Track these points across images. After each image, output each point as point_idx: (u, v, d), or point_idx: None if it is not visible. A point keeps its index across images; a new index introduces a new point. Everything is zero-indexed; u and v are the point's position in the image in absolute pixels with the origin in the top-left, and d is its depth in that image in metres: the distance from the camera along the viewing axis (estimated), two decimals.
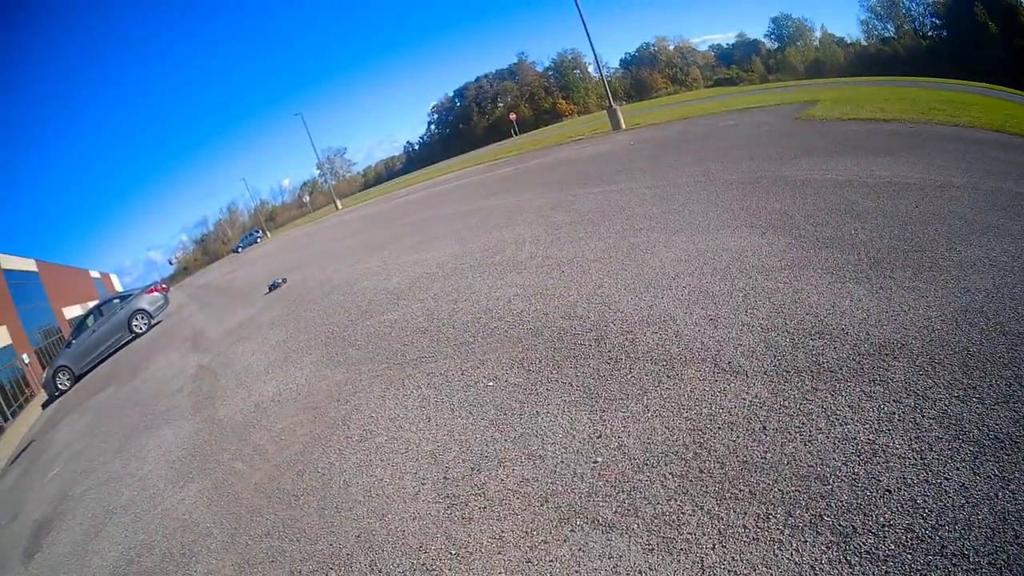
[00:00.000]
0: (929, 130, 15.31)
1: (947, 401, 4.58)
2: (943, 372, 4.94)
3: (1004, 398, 4.44)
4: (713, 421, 5.20)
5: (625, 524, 4.43)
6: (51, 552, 8.87)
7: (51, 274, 64.95)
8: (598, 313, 8.25)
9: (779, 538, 3.86)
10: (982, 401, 4.48)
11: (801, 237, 8.64)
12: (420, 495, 5.80)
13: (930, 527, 3.59)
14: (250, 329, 17.17)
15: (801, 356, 5.72)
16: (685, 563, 3.94)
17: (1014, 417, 4.23)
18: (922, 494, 3.82)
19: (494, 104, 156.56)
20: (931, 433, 4.30)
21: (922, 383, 4.87)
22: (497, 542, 4.78)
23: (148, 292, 31.06)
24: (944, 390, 4.72)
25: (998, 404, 4.39)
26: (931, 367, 5.04)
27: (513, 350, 8.09)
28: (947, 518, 3.61)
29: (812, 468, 4.32)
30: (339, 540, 5.71)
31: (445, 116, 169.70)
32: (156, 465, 9.98)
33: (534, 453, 5.69)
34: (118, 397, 17.56)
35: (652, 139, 26.57)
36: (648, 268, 9.27)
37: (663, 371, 6.27)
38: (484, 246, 14.66)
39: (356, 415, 8.13)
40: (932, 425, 4.37)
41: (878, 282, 6.75)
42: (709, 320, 7.01)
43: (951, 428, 4.29)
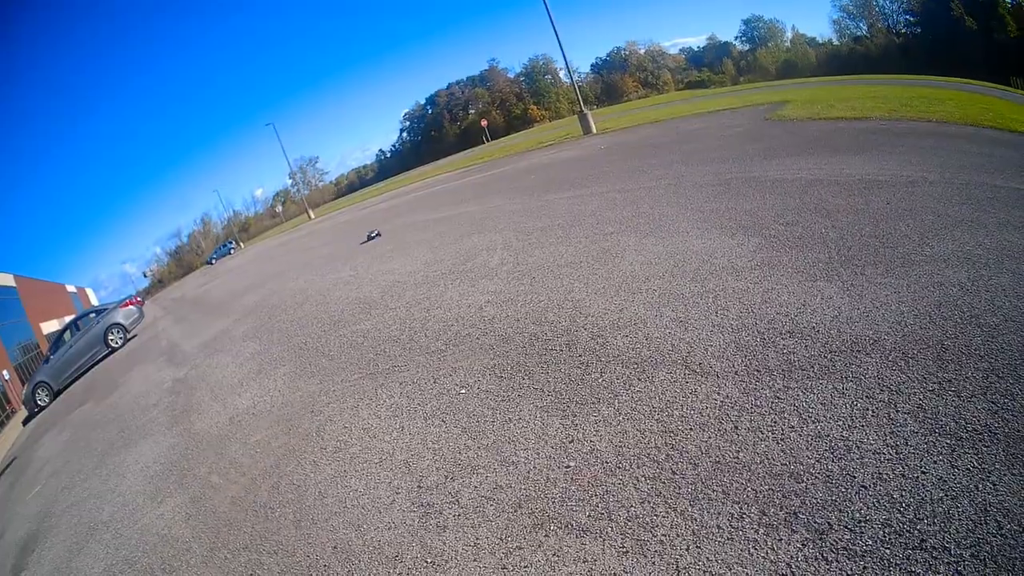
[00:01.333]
0: (902, 127, 15.38)
1: (922, 395, 4.59)
2: (917, 367, 4.96)
3: (981, 390, 4.46)
4: (685, 422, 5.21)
5: (599, 528, 4.42)
6: (36, 570, 8.80)
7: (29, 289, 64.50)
8: (569, 318, 8.27)
9: (754, 537, 3.86)
10: (958, 394, 4.49)
11: (771, 237, 8.68)
12: (395, 504, 5.78)
13: (908, 521, 3.60)
14: (224, 341, 17.14)
15: (772, 355, 5.73)
16: (660, 565, 3.93)
17: (991, 409, 4.24)
18: (899, 489, 3.83)
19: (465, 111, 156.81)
20: (906, 428, 4.31)
21: (895, 378, 4.89)
22: (472, 549, 4.77)
23: (123, 306, 30.94)
24: (918, 384, 4.73)
25: (975, 396, 4.41)
26: (904, 362, 5.06)
27: (485, 357, 8.10)
28: (926, 512, 3.62)
29: (785, 466, 4.33)
30: (316, 552, 5.69)
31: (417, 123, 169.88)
32: (135, 480, 9.92)
33: (507, 459, 5.69)
34: (96, 412, 17.45)
35: (623, 143, 26.73)
36: (618, 272, 9.29)
37: (634, 374, 6.28)
38: (455, 253, 14.70)
39: (330, 426, 8.12)
40: (907, 420, 4.38)
41: (849, 279, 6.77)
42: (679, 322, 7.03)
43: (926, 422, 4.30)
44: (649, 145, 23.32)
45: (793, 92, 33.43)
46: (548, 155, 32.52)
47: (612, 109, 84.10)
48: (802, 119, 19.16)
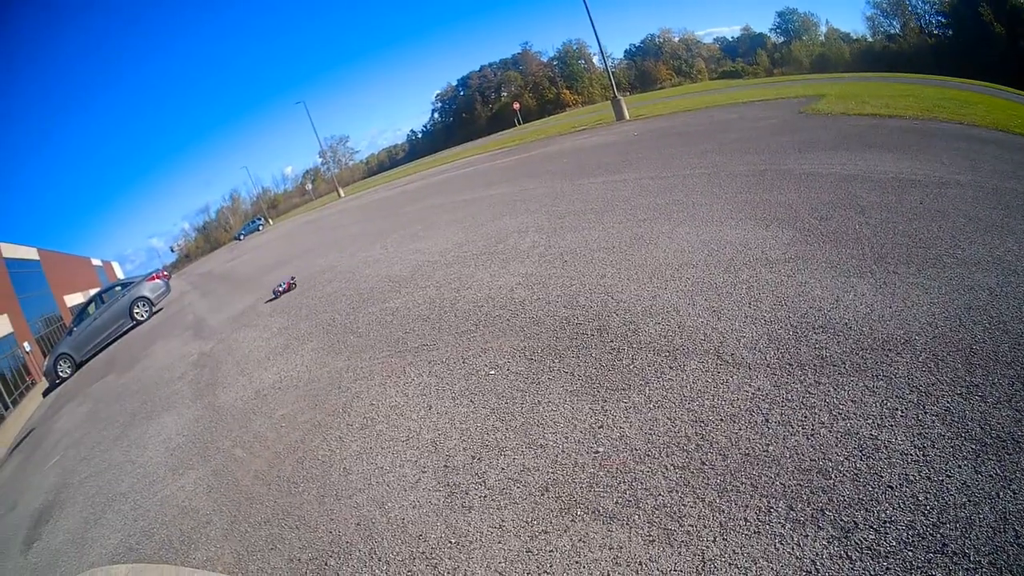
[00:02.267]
0: (933, 127, 15.24)
1: (950, 398, 4.56)
2: (946, 369, 4.92)
3: (1006, 397, 4.42)
4: (715, 413, 5.19)
5: (626, 515, 4.42)
6: (50, 540, 8.86)
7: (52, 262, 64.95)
8: (600, 303, 8.23)
9: (780, 532, 3.85)
10: (984, 399, 4.45)
11: (805, 231, 8.61)
12: (420, 483, 5.80)
13: (931, 524, 3.58)
14: (251, 316, 17.19)
15: (804, 349, 5.70)
16: (686, 555, 3.93)
17: (1016, 417, 4.20)
18: (924, 491, 3.81)
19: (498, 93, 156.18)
20: (933, 430, 4.28)
21: (925, 379, 4.85)
22: (497, 531, 4.78)
23: (150, 279, 31.15)
24: (947, 387, 4.69)
25: (1000, 403, 4.37)
26: (934, 363, 5.02)
27: (515, 338, 8.09)
28: (948, 516, 3.60)
29: (814, 462, 4.31)
30: (338, 528, 5.71)
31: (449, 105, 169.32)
32: (156, 452, 9.98)
33: (535, 442, 5.69)
34: (119, 384, 17.59)
35: (656, 130, 26.50)
36: (651, 259, 9.24)
37: (665, 362, 6.25)
38: (487, 235, 14.66)
39: (357, 403, 8.13)
40: (935, 422, 4.35)
41: (882, 277, 6.72)
42: (712, 312, 6.99)
43: (953, 425, 4.27)
44: (683, 133, 23.17)
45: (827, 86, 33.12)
46: (581, 140, 32.42)
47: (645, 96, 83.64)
48: (836, 114, 18.97)
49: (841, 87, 31.69)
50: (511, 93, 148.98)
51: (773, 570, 3.64)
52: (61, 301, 61.47)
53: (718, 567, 3.77)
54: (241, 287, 25.33)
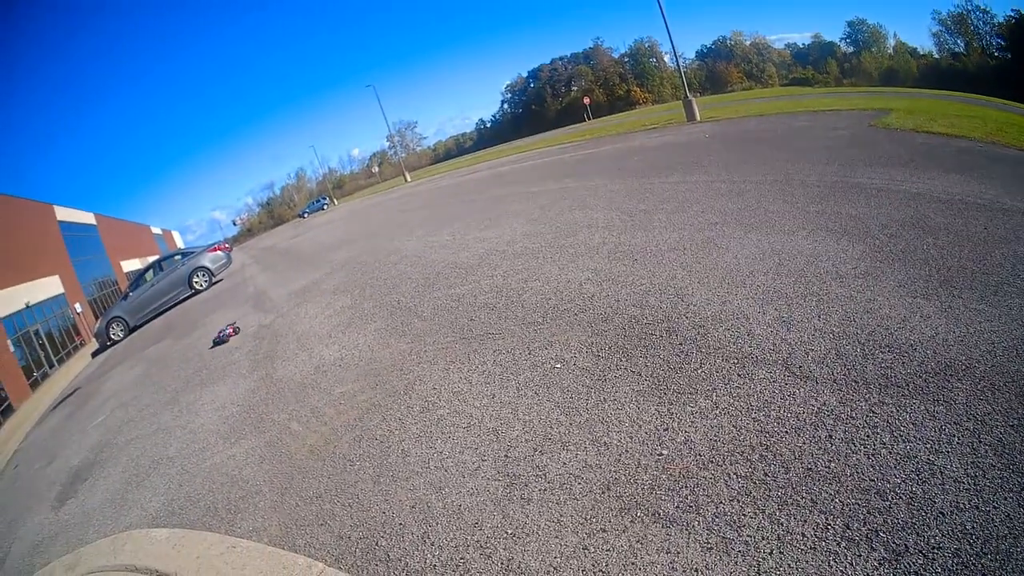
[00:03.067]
0: (998, 152, 14.97)
1: (1003, 429, 4.55)
2: (1002, 399, 4.90)
3: None
4: (781, 425, 5.22)
5: (686, 520, 4.47)
6: (86, 499, 9.05)
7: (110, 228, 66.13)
8: (670, 304, 8.25)
9: (835, 550, 3.89)
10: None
11: (875, 247, 8.55)
12: (480, 471, 5.87)
13: (975, 554, 3.61)
14: (314, 293, 17.33)
15: (871, 367, 5.70)
16: (742, 565, 3.98)
17: None
18: (971, 520, 3.83)
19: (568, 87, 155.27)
20: (986, 460, 4.29)
21: (982, 408, 4.84)
22: (555, 526, 4.84)
23: (211, 250, 31.48)
24: (1002, 417, 4.69)
25: None
26: (991, 393, 5.01)
27: (582, 334, 8.10)
28: (991, 547, 3.62)
29: (873, 482, 4.33)
30: (392, 509, 5.80)
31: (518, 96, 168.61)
32: (209, 419, 10.17)
33: (599, 439, 5.73)
34: (174, 350, 17.87)
35: (727, 133, 26.28)
36: (722, 263, 9.22)
37: (734, 369, 6.27)
38: (556, 228, 14.66)
39: (419, 386, 8.21)
40: (988, 452, 4.36)
41: (947, 300, 6.68)
42: (782, 322, 7.00)
43: (1004, 456, 4.28)
44: (754, 138, 23.02)
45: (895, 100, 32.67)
46: (651, 138, 32.16)
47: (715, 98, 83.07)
48: (905, 129, 18.69)
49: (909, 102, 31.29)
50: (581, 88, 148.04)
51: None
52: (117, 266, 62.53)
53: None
54: (304, 264, 25.55)
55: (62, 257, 47.33)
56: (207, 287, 29.90)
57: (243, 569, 5.87)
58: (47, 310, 39.34)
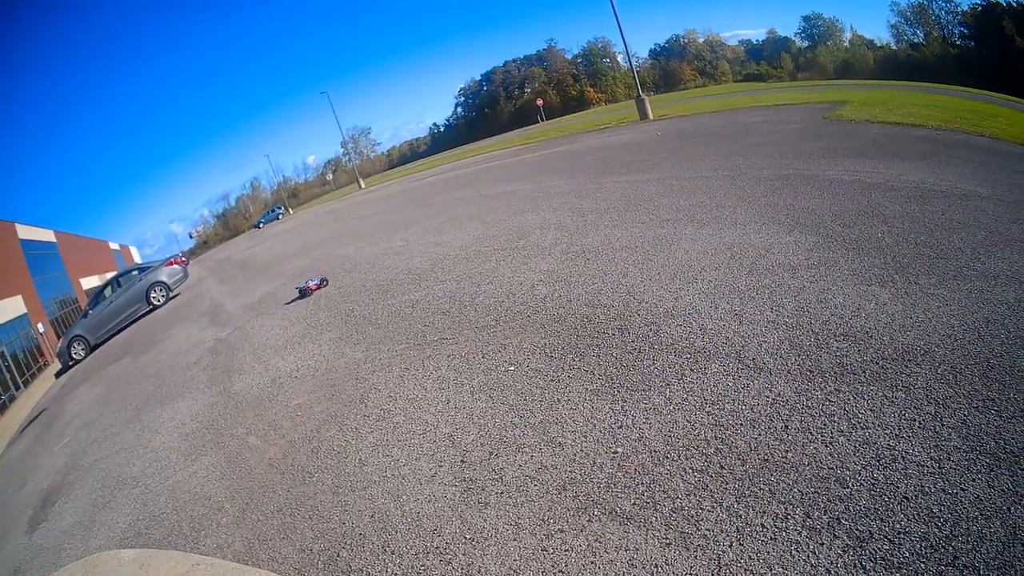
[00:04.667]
0: (956, 138, 15.23)
1: (966, 411, 4.56)
2: (964, 382, 4.92)
3: (1021, 412, 4.42)
4: (735, 417, 5.19)
5: (643, 517, 4.43)
6: (57, 522, 8.91)
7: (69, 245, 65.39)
8: (622, 302, 8.25)
9: (797, 539, 3.86)
10: (1000, 414, 4.45)
11: (828, 237, 8.61)
12: (436, 477, 5.80)
13: (944, 537, 3.59)
14: (270, 304, 17.17)
15: (825, 357, 5.70)
16: (702, 559, 3.94)
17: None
18: (938, 503, 3.82)
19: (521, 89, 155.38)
20: (950, 443, 4.29)
21: (943, 391, 4.85)
22: (513, 528, 4.78)
23: (167, 264, 31.19)
24: (964, 400, 4.70)
25: (1015, 418, 4.38)
26: (952, 376, 5.02)
27: (535, 335, 8.09)
28: (961, 529, 3.61)
29: (832, 470, 4.31)
30: (352, 519, 5.72)
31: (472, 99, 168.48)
32: (169, 437, 10.02)
33: (554, 440, 5.69)
34: (133, 368, 17.64)
35: (680, 131, 26.53)
36: (674, 260, 9.26)
37: (686, 364, 6.26)
38: (508, 230, 14.69)
39: (374, 394, 8.14)
40: (951, 435, 4.36)
41: (903, 287, 6.71)
42: (734, 315, 7.00)
43: (969, 439, 4.28)
44: (706, 134, 23.23)
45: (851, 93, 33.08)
46: (604, 138, 32.41)
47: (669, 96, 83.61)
48: (860, 120, 18.97)
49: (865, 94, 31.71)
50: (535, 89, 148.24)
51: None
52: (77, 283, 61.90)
53: (733, 572, 3.78)
54: (259, 275, 25.30)
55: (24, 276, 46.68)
56: (165, 302, 29.51)
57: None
58: (11, 331, 38.74)
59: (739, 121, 25.17)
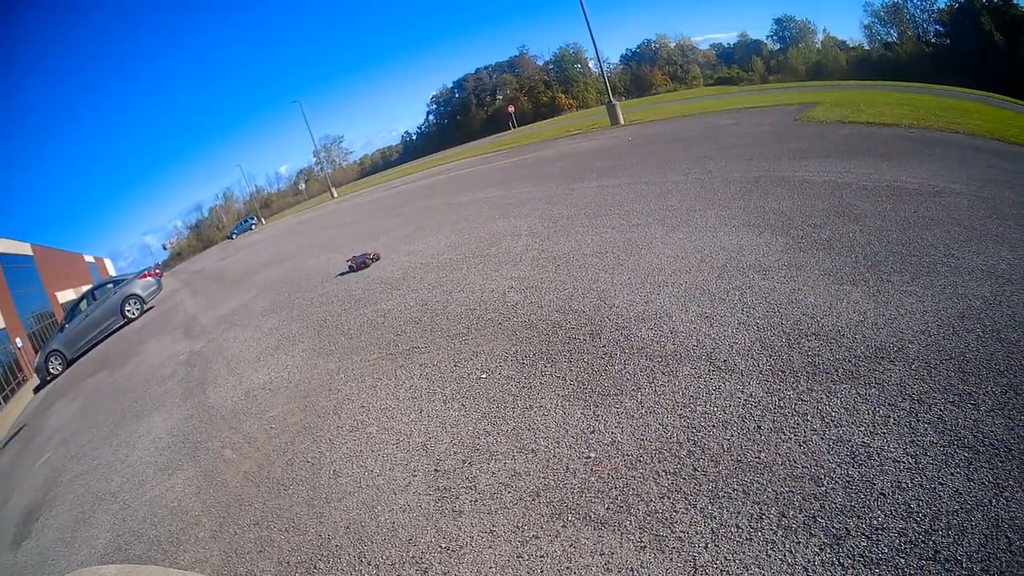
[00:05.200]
0: (929, 136, 15.30)
1: (942, 406, 4.56)
2: (939, 377, 4.93)
3: (999, 405, 4.43)
4: (707, 419, 5.18)
5: (617, 521, 4.41)
6: (40, 540, 8.81)
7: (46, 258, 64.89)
8: (593, 307, 8.24)
9: (772, 539, 3.84)
10: (977, 408, 4.46)
11: (799, 238, 8.63)
12: (410, 487, 5.76)
13: (924, 532, 3.58)
14: (243, 316, 17.09)
15: (797, 356, 5.71)
16: (677, 562, 3.91)
17: (1009, 425, 4.21)
18: (916, 499, 3.81)
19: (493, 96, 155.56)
20: (926, 438, 4.28)
21: (918, 387, 4.86)
22: (488, 536, 4.75)
23: (141, 277, 30.95)
24: (940, 395, 4.70)
25: (993, 411, 4.38)
26: (927, 371, 5.03)
27: (507, 342, 8.07)
28: (941, 524, 3.60)
29: (806, 469, 4.30)
30: (328, 531, 5.67)
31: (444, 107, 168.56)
32: (145, 452, 9.93)
33: (526, 447, 5.67)
34: (109, 382, 17.51)
35: (651, 135, 26.59)
36: (645, 264, 9.27)
37: (657, 367, 6.25)
38: (480, 237, 14.66)
39: (347, 404, 8.10)
40: (927, 430, 4.36)
41: (875, 285, 6.73)
42: (705, 318, 7.00)
43: (946, 433, 4.28)
44: (677, 139, 23.22)
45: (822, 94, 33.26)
46: (575, 144, 32.43)
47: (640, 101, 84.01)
48: (831, 121, 19.06)
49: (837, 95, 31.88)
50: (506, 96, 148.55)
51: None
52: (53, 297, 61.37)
53: (709, 573, 3.76)
54: (232, 286, 25.20)
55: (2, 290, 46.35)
56: (139, 315, 29.31)
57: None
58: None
59: (710, 125, 25.30)
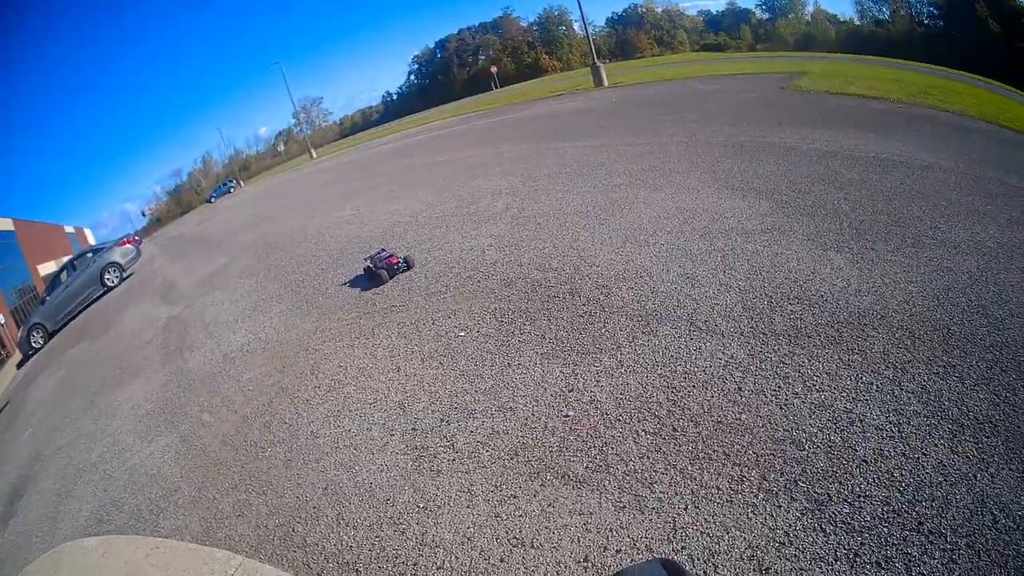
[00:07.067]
0: (918, 112, 15.23)
1: (926, 376, 4.55)
2: (923, 347, 4.92)
3: (984, 380, 4.42)
4: (688, 379, 5.16)
5: (596, 480, 4.38)
6: (25, 516, 8.74)
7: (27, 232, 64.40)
8: (573, 266, 8.22)
9: (753, 501, 3.83)
10: (962, 380, 4.45)
11: (782, 203, 8.60)
12: (388, 447, 5.73)
13: (907, 502, 3.57)
14: (221, 279, 17.03)
15: (779, 319, 5.68)
16: (657, 522, 3.89)
17: (993, 400, 4.21)
18: (899, 468, 3.80)
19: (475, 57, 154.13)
20: (909, 407, 4.27)
21: (901, 356, 4.85)
22: (466, 495, 4.73)
23: (120, 245, 30.69)
24: (923, 365, 4.69)
25: (978, 386, 4.37)
26: (911, 341, 5.02)
27: (486, 300, 8.06)
28: (924, 495, 3.59)
29: (788, 432, 4.29)
30: (306, 493, 5.64)
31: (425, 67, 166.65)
32: (125, 420, 9.88)
33: (505, 405, 5.65)
34: (90, 352, 17.40)
35: (635, 98, 26.42)
36: (626, 224, 9.24)
37: (638, 327, 6.23)
38: (459, 196, 14.62)
39: (325, 364, 8.06)
40: (911, 399, 4.35)
41: (859, 252, 6.71)
42: (686, 278, 6.97)
43: (930, 404, 4.27)
44: (662, 102, 23.10)
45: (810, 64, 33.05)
46: (558, 104, 32.24)
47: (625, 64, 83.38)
48: (819, 91, 18.94)
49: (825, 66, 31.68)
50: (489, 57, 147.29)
51: (746, 540, 3.62)
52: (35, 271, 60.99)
53: (690, 535, 3.74)
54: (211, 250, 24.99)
55: None
56: (119, 283, 29.08)
57: (167, 569, 5.69)
58: None
59: (695, 89, 25.15)
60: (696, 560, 3.61)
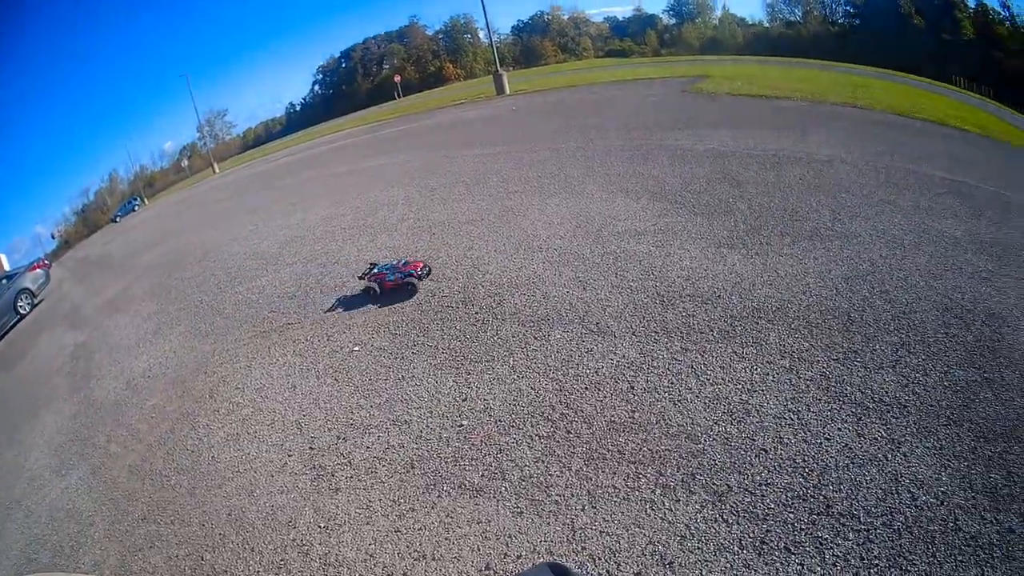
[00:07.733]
0: (825, 109, 15.55)
1: (826, 363, 4.65)
2: (821, 335, 5.03)
3: (890, 363, 4.53)
4: (580, 381, 5.21)
5: (493, 488, 4.39)
6: None
7: None
8: (466, 275, 8.28)
9: (651, 498, 3.86)
10: (865, 365, 4.56)
11: (676, 203, 8.74)
12: (287, 467, 5.67)
13: (812, 487, 3.64)
14: (124, 301, 16.71)
15: (671, 317, 5.76)
16: (555, 525, 3.91)
17: (901, 382, 4.31)
18: (801, 454, 3.87)
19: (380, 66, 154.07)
20: (809, 394, 4.36)
21: (798, 345, 4.94)
22: (365, 512, 4.70)
23: (31, 270, 29.92)
24: (822, 353, 4.80)
25: (883, 369, 4.48)
26: (808, 330, 5.13)
27: (379, 313, 8.06)
28: (831, 478, 3.66)
29: (682, 428, 4.34)
30: (211, 520, 5.56)
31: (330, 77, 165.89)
32: (41, 454, 9.64)
33: (399, 419, 5.63)
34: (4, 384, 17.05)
35: (536, 105, 26.63)
36: (520, 231, 9.33)
37: (530, 332, 6.29)
38: (357, 208, 14.60)
39: (222, 387, 7.99)
40: (810, 387, 4.44)
41: (754, 248, 6.83)
42: (578, 282, 7.05)
43: (830, 390, 4.36)
44: (562, 108, 23.31)
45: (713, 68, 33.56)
46: (459, 113, 32.37)
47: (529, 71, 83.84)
48: (721, 93, 19.24)
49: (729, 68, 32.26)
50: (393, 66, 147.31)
51: (646, 536, 3.65)
52: None
53: (589, 535, 3.76)
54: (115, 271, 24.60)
55: None
56: (31, 310, 28.42)
57: None
58: None
59: (596, 96, 25.43)
60: (598, 560, 3.64)
